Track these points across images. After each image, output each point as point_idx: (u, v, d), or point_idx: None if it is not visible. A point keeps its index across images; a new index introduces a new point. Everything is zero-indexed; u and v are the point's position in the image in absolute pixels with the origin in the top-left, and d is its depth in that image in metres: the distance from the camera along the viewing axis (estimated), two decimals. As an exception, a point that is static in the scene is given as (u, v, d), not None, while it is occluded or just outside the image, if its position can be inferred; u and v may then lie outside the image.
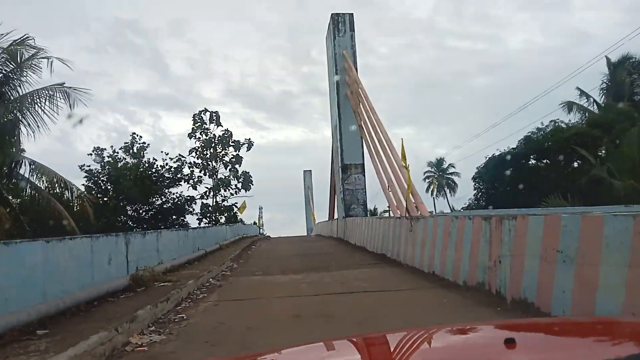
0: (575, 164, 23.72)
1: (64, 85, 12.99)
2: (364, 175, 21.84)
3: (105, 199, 26.88)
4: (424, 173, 75.68)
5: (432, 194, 74.55)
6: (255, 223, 51.32)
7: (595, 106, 33.76)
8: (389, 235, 11.83)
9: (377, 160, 16.57)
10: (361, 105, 18.64)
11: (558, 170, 22.77)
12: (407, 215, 10.80)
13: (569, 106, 33.31)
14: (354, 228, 18.09)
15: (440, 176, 74.66)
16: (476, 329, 1.67)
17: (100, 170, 27.81)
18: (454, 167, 74.34)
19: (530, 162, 25.13)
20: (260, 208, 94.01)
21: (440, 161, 74.96)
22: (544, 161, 24.94)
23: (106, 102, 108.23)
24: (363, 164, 21.85)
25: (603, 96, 33.64)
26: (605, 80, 32.87)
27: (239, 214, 31.54)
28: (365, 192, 21.92)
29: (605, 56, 33.15)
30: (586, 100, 34.52)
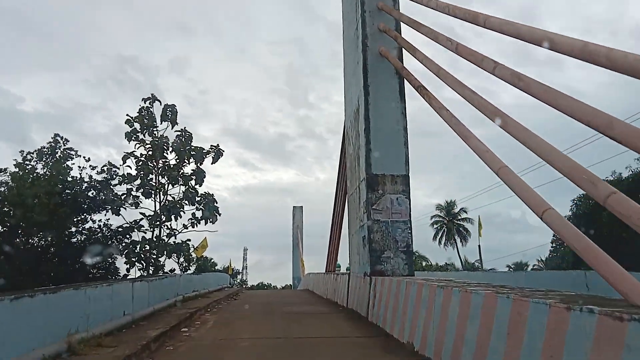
0: None
1: None
2: (409, 198, 11.81)
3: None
4: (431, 218, 65.70)
5: (439, 243, 64.17)
6: (227, 268, 40.36)
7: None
8: None
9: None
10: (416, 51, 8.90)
11: None
12: None
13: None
14: (419, 310, 7.91)
15: (451, 222, 64.25)
16: None
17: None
18: (465, 212, 64.32)
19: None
20: (245, 249, 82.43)
21: (450, 204, 64.69)
22: None
23: (102, 136, 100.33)
24: (408, 177, 11.88)
25: None
26: None
27: (194, 255, 20.94)
28: (411, 228, 11.75)
29: None
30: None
